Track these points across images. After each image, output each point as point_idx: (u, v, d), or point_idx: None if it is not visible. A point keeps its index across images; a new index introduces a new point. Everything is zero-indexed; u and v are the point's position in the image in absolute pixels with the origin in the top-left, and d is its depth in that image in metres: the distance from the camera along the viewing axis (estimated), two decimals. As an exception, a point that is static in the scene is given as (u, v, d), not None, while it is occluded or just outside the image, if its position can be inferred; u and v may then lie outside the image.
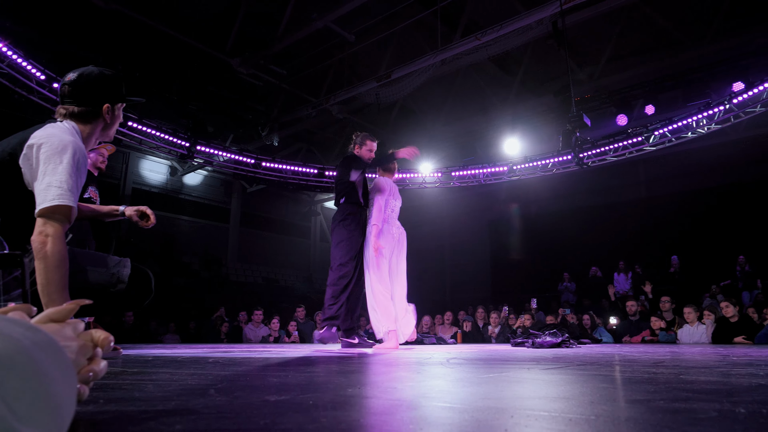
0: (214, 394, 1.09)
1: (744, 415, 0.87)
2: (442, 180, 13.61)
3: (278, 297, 15.12)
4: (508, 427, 0.76)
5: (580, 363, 2.36)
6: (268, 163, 13.03)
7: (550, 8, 8.65)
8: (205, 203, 17.16)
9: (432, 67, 10.69)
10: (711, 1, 10.12)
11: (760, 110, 9.50)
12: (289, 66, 12.41)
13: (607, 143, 11.16)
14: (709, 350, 4.10)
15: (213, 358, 2.84)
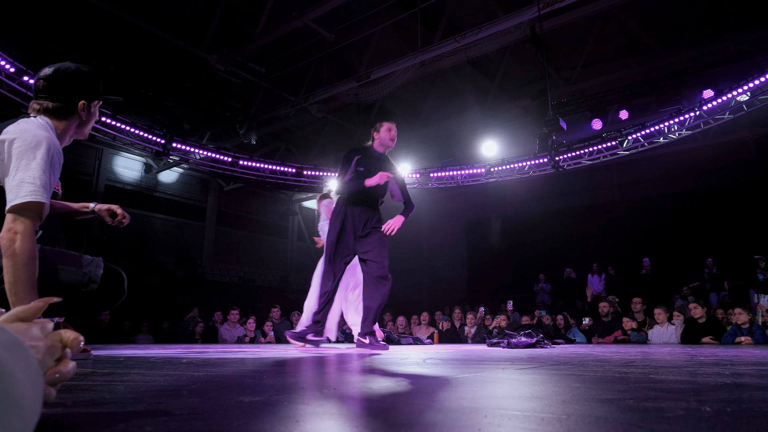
0: (187, 395, 1.08)
1: (709, 413, 0.89)
2: (420, 181, 13.66)
3: (255, 297, 14.99)
4: (481, 426, 0.77)
5: (553, 363, 2.40)
6: (246, 162, 12.90)
7: (528, 13, 8.76)
8: (181, 201, 16.90)
9: (411, 69, 10.73)
10: (682, 11, 10.38)
11: (728, 117, 9.79)
12: (268, 64, 12.31)
13: (582, 147, 11.35)
14: (678, 350, 4.20)
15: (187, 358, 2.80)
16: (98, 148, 14.59)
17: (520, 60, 12.16)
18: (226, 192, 17.44)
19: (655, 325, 7.67)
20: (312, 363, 2.48)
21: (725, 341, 6.78)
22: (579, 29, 11.11)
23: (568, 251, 14.40)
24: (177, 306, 12.27)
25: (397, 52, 11.00)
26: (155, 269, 14.15)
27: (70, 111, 2.08)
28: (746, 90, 9.21)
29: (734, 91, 9.34)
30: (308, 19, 10.07)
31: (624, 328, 8.03)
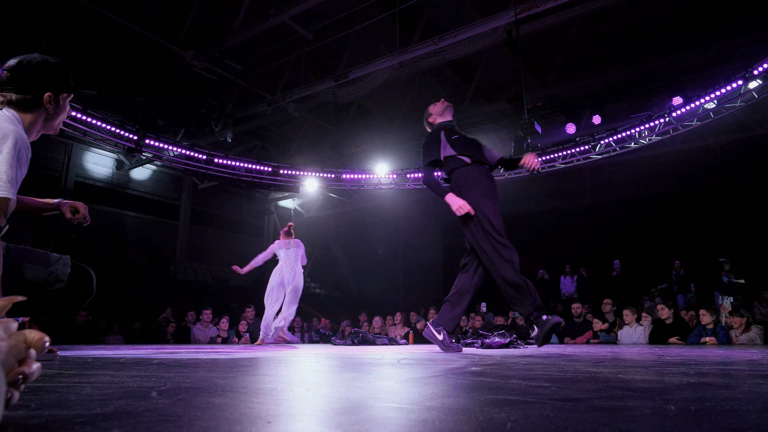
0: (156, 397, 1.06)
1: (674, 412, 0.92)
2: (397, 182, 13.70)
3: (228, 297, 14.80)
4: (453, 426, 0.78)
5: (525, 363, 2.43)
6: (221, 160, 12.73)
7: (506, 17, 8.86)
8: (154, 199, 16.59)
9: (390, 69, 10.75)
10: (654, 20, 10.64)
11: (696, 124, 10.08)
12: (245, 61, 12.18)
13: (556, 150, 11.54)
14: (646, 350, 4.30)
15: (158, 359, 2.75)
16: (68, 144, 14.22)
17: (496, 63, 12.30)
18: (200, 190, 17.18)
19: (624, 326, 7.83)
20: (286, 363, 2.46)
21: (691, 341, 6.98)
22: (554, 35, 11.29)
23: (542, 253, 14.61)
24: (148, 306, 12.03)
25: (375, 53, 11.00)
26: (126, 268, 13.86)
27: (35, 103, 2.01)
28: (713, 98, 9.49)
29: (702, 98, 9.62)
30: (286, 17, 10.00)
31: (594, 329, 8.19)
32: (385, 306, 12.88)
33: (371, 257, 20.63)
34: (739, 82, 9.10)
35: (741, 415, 0.90)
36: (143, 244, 15.51)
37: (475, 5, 10.33)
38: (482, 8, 10.18)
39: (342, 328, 10.94)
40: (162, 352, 3.99)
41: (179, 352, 4.04)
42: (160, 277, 14.47)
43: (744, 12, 9.94)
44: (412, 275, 18.81)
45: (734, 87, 9.18)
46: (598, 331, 8.13)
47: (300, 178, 13.63)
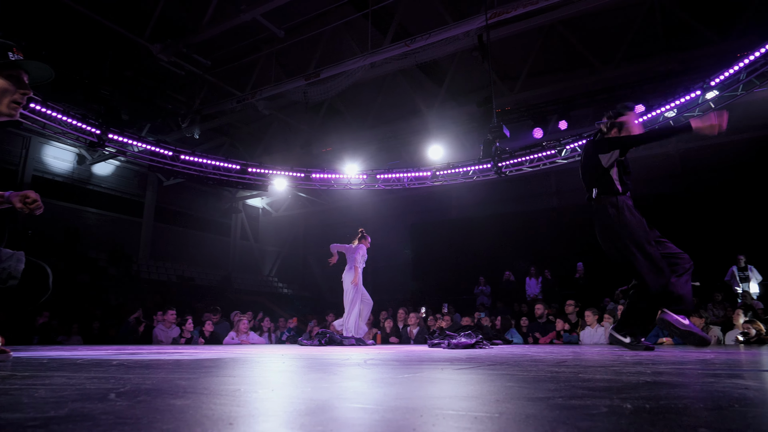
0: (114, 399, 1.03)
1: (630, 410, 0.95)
2: (367, 182, 13.69)
3: (193, 296, 14.51)
4: (416, 426, 0.78)
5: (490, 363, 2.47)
6: (188, 156, 12.46)
7: (477, 22, 8.97)
8: (116, 195, 16.13)
9: (361, 70, 10.74)
10: (619, 29, 10.95)
11: (657, 131, 10.41)
12: (214, 57, 11.96)
13: (523, 154, 11.74)
14: (606, 350, 4.42)
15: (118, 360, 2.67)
16: (26, 136, 13.69)
17: (467, 67, 12.43)
18: (165, 187, 16.79)
19: (586, 327, 8.03)
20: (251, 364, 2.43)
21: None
22: (524, 41, 11.48)
23: (508, 255, 14.85)
24: (109, 305, 11.69)
25: (347, 53, 10.97)
26: (86, 266, 13.43)
27: None
28: (673, 107, 9.82)
29: (663, 107, 9.94)
30: (257, 14, 9.87)
31: (557, 329, 8.37)
32: (353, 306, 12.83)
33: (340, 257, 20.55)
34: (697, 93, 9.45)
35: (693, 412, 0.94)
36: (105, 242, 15.06)
37: (447, 9, 10.42)
38: (454, 12, 10.28)
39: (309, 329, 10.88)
40: (122, 353, 3.88)
41: (141, 353, 3.94)
42: (122, 275, 14.07)
43: (703, 26, 10.33)
44: (380, 276, 18.84)
45: (693, 97, 9.52)
46: (561, 332, 8.31)
47: (269, 176, 13.47)
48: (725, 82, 9.07)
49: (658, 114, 10.00)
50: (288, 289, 20.16)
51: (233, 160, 13.17)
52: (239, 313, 10.06)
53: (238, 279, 18.50)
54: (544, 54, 11.86)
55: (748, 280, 10.46)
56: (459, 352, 4.35)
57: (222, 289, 16.78)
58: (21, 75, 2.04)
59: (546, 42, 11.57)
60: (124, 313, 10.19)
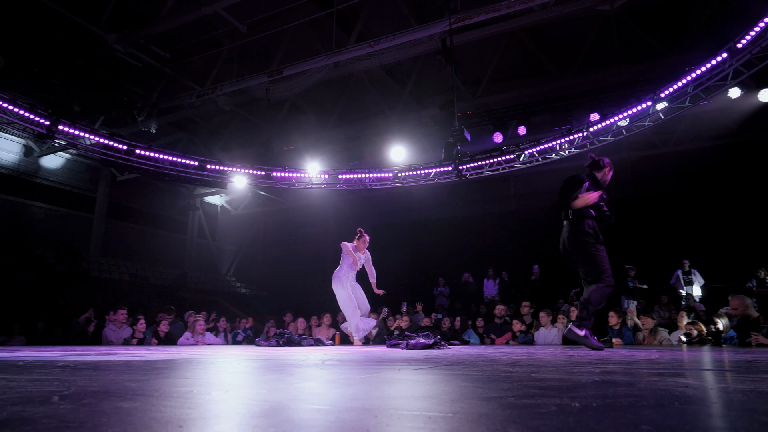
0: (57, 402, 0.99)
1: (578, 409, 0.98)
2: (328, 182, 13.61)
3: (147, 296, 14.08)
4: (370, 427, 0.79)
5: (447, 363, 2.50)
6: (144, 151, 12.06)
7: (440, 26, 9.07)
8: (66, 190, 15.47)
9: (325, 69, 10.68)
10: (577, 39, 11.30)
11: (610, 140, 10.80)
12: (174, 49, 11.63)
13: (484, 158, 11.94)
14: (559, 351, 4.55)
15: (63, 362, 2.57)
16: (-33, 125, 12.96)
17: (430, 70, 12.55)
18: (119, 182, 16.21)
19: (541, 328, 8.24)
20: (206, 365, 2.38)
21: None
22: (486, 47, 11.70)
23: (467, 257, 15.08)
24: (56, 305, 11.19)
25: (311, 51, 10.89)
26: (32, 263, 12.82)
27: None
28: (626, 116, 10.21)
29: (616, 116, 10.32)
30: (219, 7, 9.67)
31: (513, 330, 8.55)
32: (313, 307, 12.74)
33: (300, 257, 20.40)
34: (648, 103, 9.85)
35: (637, 410, 0.98)
36: (52, 238, 14.41)
37: (412, 12, 10.50)
38: (419, 15, 10.36)
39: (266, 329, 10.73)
40: (69, 354, 3.73)
41: (89, 354, 3.80)
42: (71, 273, 13.50)
43: (654, 39, 10.78)
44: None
45: (644, 107, 9.92)
46: (517, 332, 8.50)
47: (228, 173, 13.20)
48: (674, 94, 9.49)
49: (612, 122, 10.36)
50: (246, 289, 19.82)
51: (191, 156, 12.83)
52: (194, 313, 9.83)
53: (195, 278, 18.07)
54: (505, 60, 12.11)
55: (691, 284, 10.98)
56: (417, 352, 4.38)
57: (177, 289, 16.34)
58: None
59: (507, 49, 11.83)
60: (72, 312, 9.78)
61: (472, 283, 13.64)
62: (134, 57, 11.37)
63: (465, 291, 13.56)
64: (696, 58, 9.33)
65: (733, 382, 1.59)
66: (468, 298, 13.05)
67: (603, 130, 10.57)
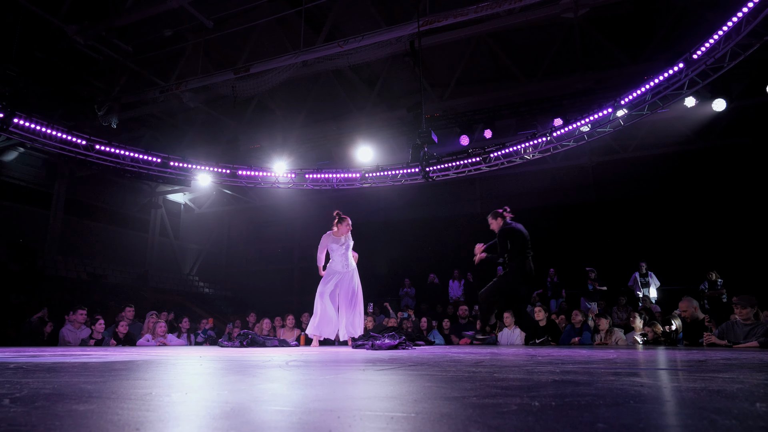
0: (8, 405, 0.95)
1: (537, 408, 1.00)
2: (295, 181, 13.50)
3: (106, 295, 13.64)
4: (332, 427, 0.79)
5: (411, 364, 2.51)
6: (103, 147, 11.67)
7: (409, 28, 9.12)
8: (20, 185, 14.84)
9: (293, 67, 10.58)
10: (542, 45, 11.55)
11: (572, 144, 11.07)
12: (137, 43, 11.31)
13: (450, 160, 12.07)
14: (522, 351, 4.64)
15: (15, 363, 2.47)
16: None
17: (399, 72, 12.61)
18: (77, 178, 15.65)
19: (504, 328, 8.38)
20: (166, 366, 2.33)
21: (561, 342, 7.64)
22: (454, 50, 11.82)
23: (433, 258, 15.21)
24: (9, 304, 10.72)
25: (279, 49, 10.78)
26: (-19, 261, 12.26)
27: None
28: (588, 122, 10.49)
29: (578, 122, 10.59)
30: (185, 1, 9.46)
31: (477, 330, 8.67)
32: (278, 307, 12.61)
33: (266, 257, 20.16)
34: (609, 110, 10.15)
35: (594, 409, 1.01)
36: (5, 236, 13.80)
37: (381, 13, 10.52)
38: (387, 17, 10.39)
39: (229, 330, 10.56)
40: (22, 355, 3.58)
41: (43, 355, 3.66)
42: (25, 272, 12.95)
43: (616, 48, 11.12)
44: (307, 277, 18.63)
45: (605, 114, 10.22)
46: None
47: (192, 171, 12.93)
48: (633, 101, 9.81)
49: (574, 128, 10.63)
50: (210, 289, 19.45)
51: (154, 153, 12.51)
52: (155, 314, 9.58)
53: (156, 277, 17.62)
54: (472, 64, 12.27)
55: (648, 286, 11.38)
56: (382, 353, 4.39)
57: (138, 288, 15.90)
58: None
59: (475, 53, 11.98)
60: (27, 312, 9.40)
61: (437, 284, 13.77)
62: (96, 50, 11.01)
63: (431, 292, 13.68)
64: (656, 68, 9.67)
65: (685, 381, 1.65)
66: (434, 299, 13.17)
67: (566, 135, 10.83)
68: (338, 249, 7.07)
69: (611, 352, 4.19)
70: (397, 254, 16.00)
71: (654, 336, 6.77)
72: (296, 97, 13.97)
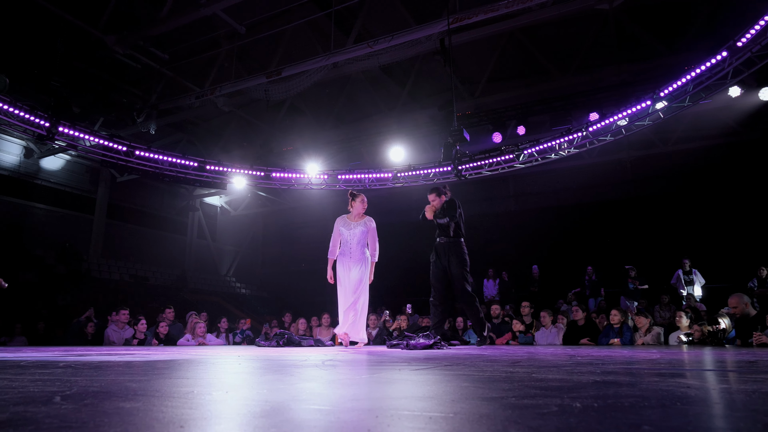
0: (60, 402, 0.99)
1: (579, 409, 0.98)
2: (328, 182, 13.60)
3: (147, 296, 14.08)
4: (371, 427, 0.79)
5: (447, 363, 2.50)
6: (143, 152, 12.05)
7: (439, 26, 9.08)
8: (66, 191, 15.47)
9: (324, 69, 10.68)
10: (575, 39, 11.31)
11: (609, 139, 10.78)
12: (173, 51, 11.64)
13: (483, 158, 11.93)
14: (560, 351, 4.54)
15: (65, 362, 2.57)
16: (-33, 127, 12.96)
17: (429, 70, 12.56)
18: (119, 183, 16.21)
19: (541, 328, 8.24)
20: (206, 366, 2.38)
21: (600, 342, 7.45)
22: (485, 47, 11.70)
23: (467, 257, 15.07)
24: (56, 305, 11.19)
25: (309, 52, 10.89)
26: (32, 264, 12.82)
27: None
28: (625, 116, 10.20)
29: (615, 116, 10.31)
30: (218, 9, 9.67)
31: (513, 330, 8.55)
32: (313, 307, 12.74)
33: (300, 257, 20.39)
34: (647, 103, 9.84)
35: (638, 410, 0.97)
36: (53, 239, 14.41)
37: (411, 12, 10.50)
38: (417, 15, 10.36)
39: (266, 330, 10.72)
40: (70, 354, 3.73)
41: (90, 354, 3.79)
42: (71, 274, 13.50)
43: (653, 38, 10.78)
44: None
45: (643, 107, 9.91)
46: (517, 332, 8.49)
47: (227, 174, 13.20)
48: (673, 93, 9.48)
49: (611, 122, 10.36)
50: (246, 289, 19.82)
51: (191, 157, 12.83)
52: (195, 315, 9.81)
53: (194, 278, 18.07)
54: (503, 60, 12.11)
55: (692, 284, 10.97)
56: (417, 352, 4.38)
57: (177, 289, 16.34)
58: None
59: (506, 49, 11.83)
60: (73, 313, 9.78)
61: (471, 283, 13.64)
62: (133, 58, 11.38)
63: (465, 291, 13.55)
64: (695, 57, 9.33)
65: (736, 383, 1.59)
66: (468, 298, 13.04)
67: (602, 129, 10.56)
68: (348, 233, 6.21)
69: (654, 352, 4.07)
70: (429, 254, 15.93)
71: (700, 336, 6.52)
72: (327, 98, 14.09)
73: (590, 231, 14.24)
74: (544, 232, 14.75)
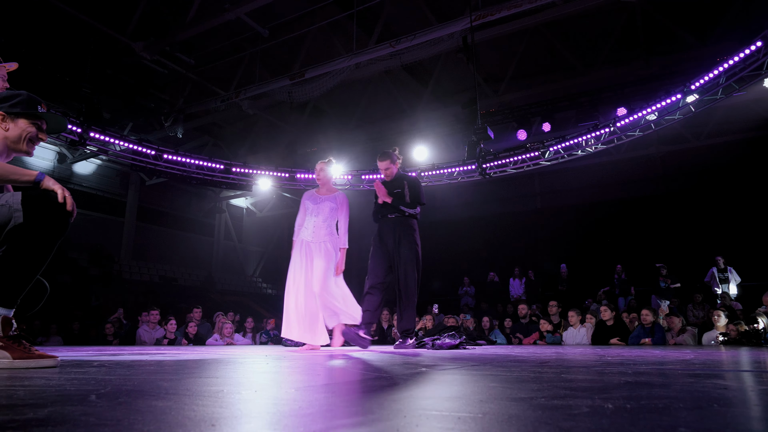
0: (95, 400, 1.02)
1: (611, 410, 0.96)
2: (352, 182, 13.67)
3: (176, 297, 14.36)
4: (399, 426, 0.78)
5: (474, 363, 2.48)
6: (171, 156, 12.31)
7: (461, 23, 9.02)
8: (98, 195, 15.89)
9: (346, 70, 10.72)
10: (601, 33, 11.10)
11: (638, 134, 10.56)
12: (198, 55, 11.85)
13: (508, 156, 11.81)
14: (589, 351, 4.47)
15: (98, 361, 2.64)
16: (4, 134, 13.41)
17: (452, 69, 12.49)
18: (148, 186, 16.59)
19: (569, 327, 8.11)
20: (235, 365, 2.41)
21: (631, 342, 7.30)
22: (508, 43, 11.57)
23: (492, 256, 14.95)
24: (89, 306, 11.51)
25: (332, 53, 10.95)
26: (66, 266, 13.20)
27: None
28: (654, 110, 9.97)
29: (644, 110, 10.08)
30: (241, 13, 9.81)
31: (541, 330, 8.44)
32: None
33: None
34: (677, 96, 9.59)
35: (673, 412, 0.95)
36: (85, 242, 14.82)
37: (432, 11, 10.46)
38: (439, 14, 10.31)
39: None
40: (104, 353, 3.82)
41: (122, 353, 3.89)
42: (103, 276, 13.86)
43: (683, 30, 10.51)
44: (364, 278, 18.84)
45: (673, 100, 9.67)
46: (545, 332, 8.37)
47: (253, 176, 13.37)
48: (705, 86, 9.22)
49: (640, 117, 10.14)
50: (272, 290, 20.04)
51: (217, 160, 13.04)
52: (222, 315, 9.97)
53: (222, 279, 18.35)
54: (527, 56, 11.96)
55: (727, 282, 10.65)
56: (443, 352, 4.36)
57: (205, 290, 16.63)
58: (42, 124, 2.35)
59: (530, 44, 11.68)
60: (105, 313, 10.05)
61: (497, 282, 13.52)
62: (160, 64, 11.62)
63: (491, 290, 13.45)
64: (727, 49, 9.06)
65: (774, 383, 1.54)
66: (494, 298, 12.94)
67: (631, 124, 10.34)
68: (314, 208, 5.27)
69: (687, 352, 3.96)
70: (455, 253, 15.86)
71: (737, 335, 6.33)
72: (350, 99, 14.14)
73: (619, 228, 13.96)
74: (572, 229, 14.52)
